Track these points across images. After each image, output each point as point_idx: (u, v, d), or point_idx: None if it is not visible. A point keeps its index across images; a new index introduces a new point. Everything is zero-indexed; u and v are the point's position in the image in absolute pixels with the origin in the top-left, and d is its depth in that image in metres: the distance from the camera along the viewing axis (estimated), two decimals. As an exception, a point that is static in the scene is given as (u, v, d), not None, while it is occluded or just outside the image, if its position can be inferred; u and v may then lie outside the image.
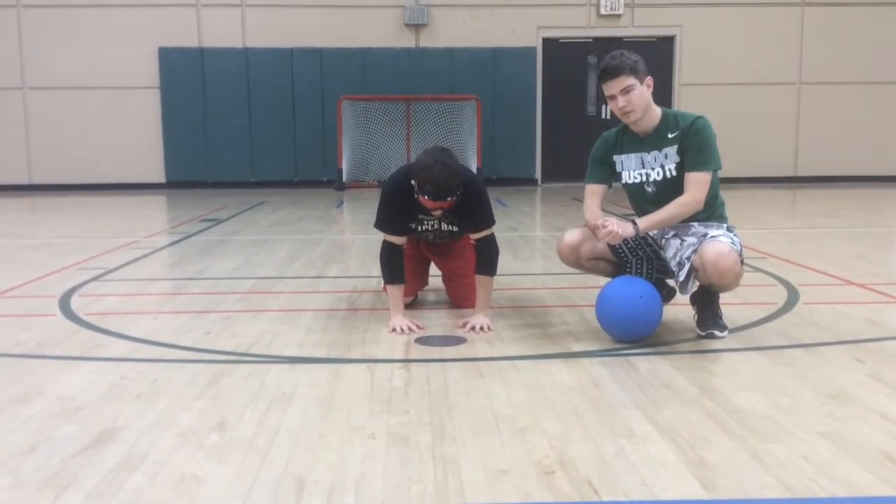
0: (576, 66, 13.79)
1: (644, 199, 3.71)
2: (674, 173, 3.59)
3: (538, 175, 13.93)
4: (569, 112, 13.78)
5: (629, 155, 3.69)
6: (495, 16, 13.54)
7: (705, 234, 3.56)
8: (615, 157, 3.74)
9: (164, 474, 2.22)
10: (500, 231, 4.30)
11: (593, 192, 3.78)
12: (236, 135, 13.45)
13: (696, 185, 3.53)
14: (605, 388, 2.94)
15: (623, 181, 3.75)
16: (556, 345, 3.55)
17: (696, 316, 3.69)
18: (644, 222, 3.55)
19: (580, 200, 3.86)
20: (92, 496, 2.09)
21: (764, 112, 13.73)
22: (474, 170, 11.73)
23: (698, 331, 3.63)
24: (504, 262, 4.39)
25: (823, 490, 2.09)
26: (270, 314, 4.23)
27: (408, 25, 13.51)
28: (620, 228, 3.48)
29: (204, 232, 7.85)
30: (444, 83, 13.44)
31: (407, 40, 13.59)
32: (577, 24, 13.67)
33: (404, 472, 2.22)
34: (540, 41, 13.68)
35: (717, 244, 3.45)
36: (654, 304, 3.50)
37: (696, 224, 3.61)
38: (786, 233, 7.77)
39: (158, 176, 13.49)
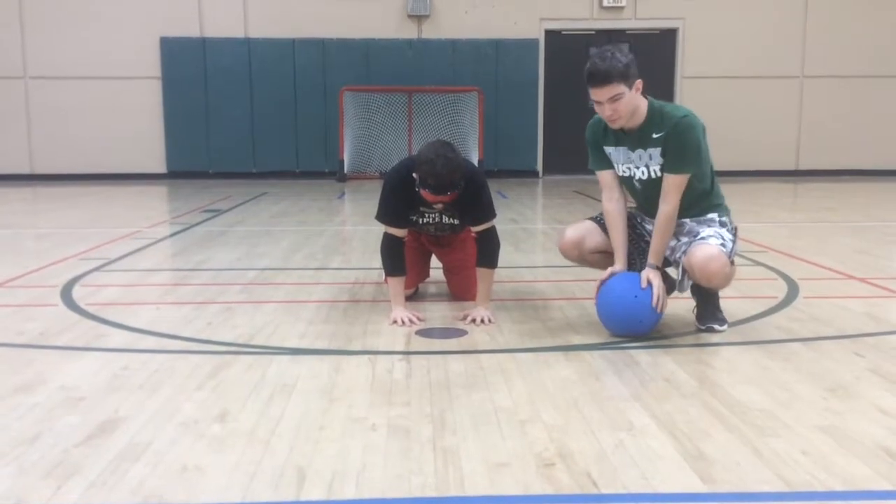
0: (578, 58, 13.62)
1: (634, 192, 3.67)
2: (658, 174, 3.49)
3: (540, 167, 13.92)
4: (571, 104, 13.73)
5: (617, 148, 3.59)
6: (498, 7, 13.52)
7: (696, 234, 3.53)
8: (605, 147, 3.64)
9: (165, 464, 2.23)
10: (502, 223, 4.30)
11: (606, 185, 3.65)
12: (238, 125, 13.45)
13: (674, 190, 3.45)
14: (605, 381, 2.95)
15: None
16: (557, 337, 3.56)
17: (695, 310, 3.69)
18: (655, 257, 3.50)
19: (582, 193, 3.86)
20: (94, 486, 2.11)
21: (766, 105, 13.71)
22: (476, 162, 11.75)
23: (698, 324, 3.64)
24: (505, 254, 4.39)
25: (821, 484, 2.10)
26: (272, 305, 4.24)
27: (410, 16, 13.48)
28: (658, 288, 3.41)
29: (205, 223, 7.86)
30: (447, 75, 13.42)
31: (409, 31, 13.57)
32: (579, 16, 13.63)
33: (405, 463, 2.23)
34: (542, 33, 13.65)
35: (706, 247, 3.41)
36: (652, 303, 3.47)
37: (688, 221, 3.58)
38: (786, 226, 7.77)
39: (160, 166, 13.50)
